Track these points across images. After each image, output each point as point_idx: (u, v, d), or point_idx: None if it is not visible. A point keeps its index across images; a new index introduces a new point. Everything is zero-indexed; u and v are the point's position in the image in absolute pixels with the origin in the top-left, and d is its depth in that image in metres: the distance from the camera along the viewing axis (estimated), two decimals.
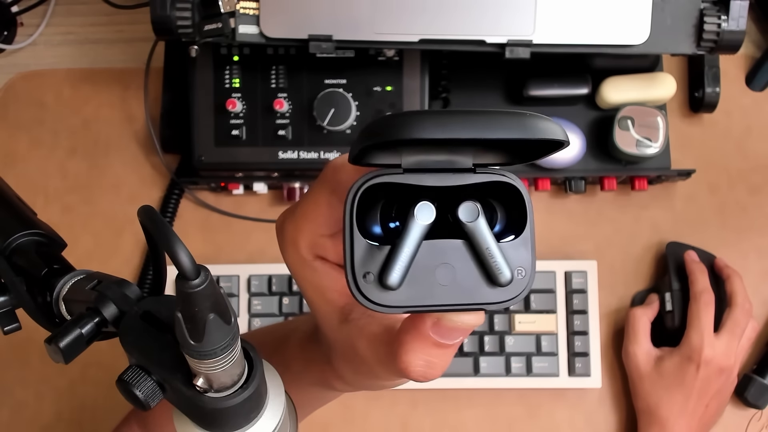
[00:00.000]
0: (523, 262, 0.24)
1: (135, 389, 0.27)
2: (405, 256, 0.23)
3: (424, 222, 0.23)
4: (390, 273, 0.23)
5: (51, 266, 0.35)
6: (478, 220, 0.23)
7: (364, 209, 0.24)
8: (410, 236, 0.23)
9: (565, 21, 0.63)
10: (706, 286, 0.72)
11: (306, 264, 0.31)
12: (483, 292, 0.24)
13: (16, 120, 0.82)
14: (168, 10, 0.63)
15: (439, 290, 0.23)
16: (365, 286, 0.23)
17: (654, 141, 0.73)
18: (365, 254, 0.23)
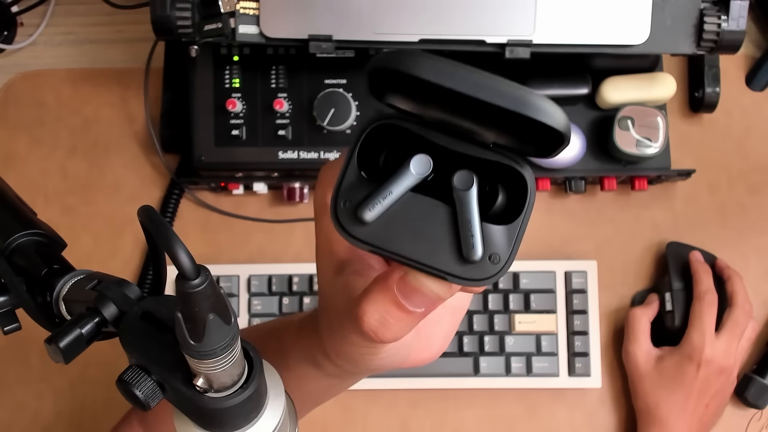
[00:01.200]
0: (502, 250, 0.23)
1: (135, 389, 0.27)
2: (385, 195, 0.23)
3: (416, 172, 0.22)
4: (365, 208, 0.23)
5: (51, 266, 0.35)
6: (470, 190, 0.23)
7: (373, 147, 0.24)
8: (398, 181, 0.23)
9: (565, 21, 0.63)
10: (709, 287, 0.72)
11: (326, 210, 0.31)
12: (449, 262, 0.23)
13: (16, 120, 0.82)
14: (168, 10, 0.63)
15: (408, 243, 0.23)
16: (342, 211, 0.23)
17: (654, 141, 0.73)
18: (354, 183, 0.23)
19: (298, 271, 0.76)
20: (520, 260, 0.76)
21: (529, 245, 0.78)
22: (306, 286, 0.76)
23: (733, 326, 0.70)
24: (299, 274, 0.76)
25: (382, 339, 0.26)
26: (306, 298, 0.75)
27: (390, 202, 0.23)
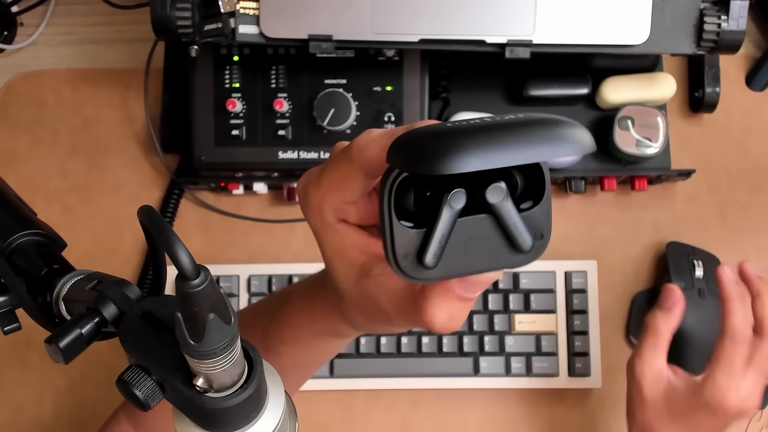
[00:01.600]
0: (542, 226, 0.27)
1: (135, 389, 0.27)
2: (439, 238, 0.26)
3: (457, 207, 0.25)
4: (427, 255, 0.26)
5: (51, 266, 0.35)
6: (504, 200, 0.26)
7: (398, 193, 0.26)
8: (444, 221, 0.26)
9: (565, 21, 0.63)
10: (745, 320, 0.60)
11: (329, 227, 0.33)
12: (507, 257, 0.27)
13: (16, 120, 0.82)
14: (168, 10, 0.63)
15: (468, 260, 0.27)
16: (405, 266, 0.26)
17: (654, 141, 0.73)
18: (403, 238, 0.26)
19: (298, 271, 0.76)
20: None
21: None
22: None
23: (763, 363, 0.59)
24: (299, 274, 0.76)
25: (451, 330, 0.30)
26: None
27: (442, 241, 0.26)
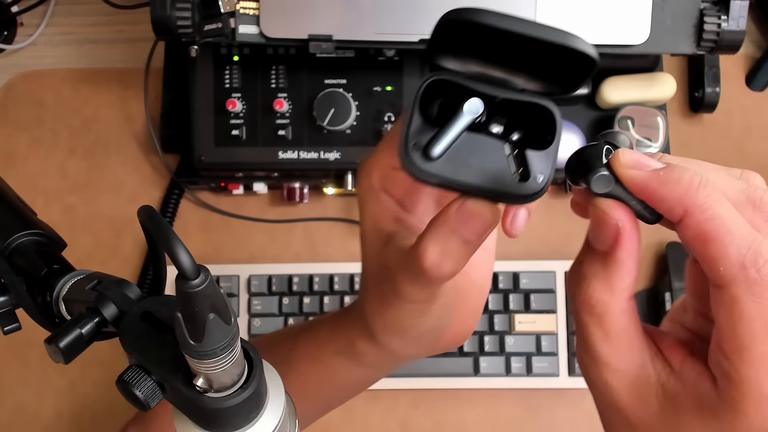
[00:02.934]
0: (545, 170, 0.28)
1: (135, 389, 0.27)
2: (449, 135, 0.27)
3: (470, 112, 0.27)
4: (434, 145, 0.27)
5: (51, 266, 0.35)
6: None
7: (428, 101, 0.28)
8: (457, 121, 0.27)
9: (565, 21, 0.63)
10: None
11: (372, 192, 0.35)
12: (504, 184, 0.28)
13: (16, 120, 0.82)
14: (168, 10, 0.63)
15: (469, 173, 0.28)
16: (412, 152, 0.27)
17: (654, 141, 0.73)
18: (419, 128, 0.28)
19: (298, 271, 0.76)
20: (520, 260, 0.76)
21: (529, 245, 0.78)
22: (306, 286, 0.76)
23: None
24: (299, 274, 0.76)
25: (441, 271, 0.30)
26: (306, 298, 0.75)
27: (451, 138, 0.27)
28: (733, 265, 0.25)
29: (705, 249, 0.26)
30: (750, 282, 0.25)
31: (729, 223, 0.25)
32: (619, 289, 0.28)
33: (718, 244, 0.25)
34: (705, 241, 0.26)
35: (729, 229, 0.25)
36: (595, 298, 0.28)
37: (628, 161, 0.27)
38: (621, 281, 0.28)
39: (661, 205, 0.27)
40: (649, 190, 0.27)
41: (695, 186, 0.26)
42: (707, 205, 0.26)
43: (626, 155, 0.27)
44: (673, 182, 0.26)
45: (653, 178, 0.26)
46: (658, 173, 0.26)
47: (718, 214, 0.25)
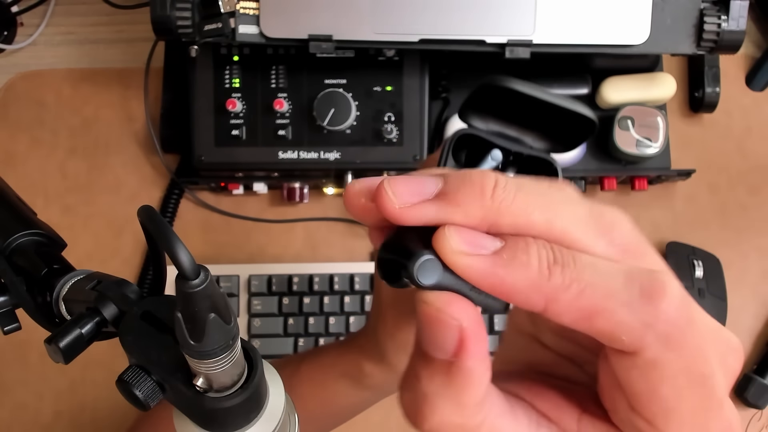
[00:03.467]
0: None
1: (135, 389, 0.27)
2: None
3: (494, 159, 0.28)
4: None
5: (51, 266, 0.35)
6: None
7: (455, 150, 0.29)
8: (483, 165, 0.28)
9: (565, 21, 0.63)
10: None
11: None
12: None
13: (16, 120, 0.82)
14: (168, 10, 0.63)
15: None
16: None
17: (654, 141, 0.73)
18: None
19: (298, 271, 0.76)
20: None
21: None
22: (306, 286, 0.76)
23: None
24: (299, 274, 0.76)
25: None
26: (306, 298, 0.75)
27: None
28: (635, 328, 0.20)
29: (592, 326, 0.20)
30: (664, 338, 0.20)
31: (604, 284, 0.20)
32: (474, 407, 0.21)
33: (605, 316, 0.20)
34: (587, 319, 0.20)
35: (608, 290, 0.20)
36: (445, 424, 0.21)
37: (460, 245, 0.21)
38: (474, 396, 0.21)
39: (514, 298, 0.20)
40: (494, 283, 0.20)
41: (548, 265, 0.20)
42: (572, 282, 0.20)
43: (455, 236, 0.21)
44: (521, 267, 0.20)
45: (496, 265, 0.20)
46: (501, 257, 0.20)
47: (589, 283, 0.20)
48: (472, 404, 0.21)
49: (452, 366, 0.21)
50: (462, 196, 0.21)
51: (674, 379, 0.20)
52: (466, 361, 0.20)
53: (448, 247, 0.21)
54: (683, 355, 0.20)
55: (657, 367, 0.20)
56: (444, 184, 0.22)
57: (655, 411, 0.21)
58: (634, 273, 0.20)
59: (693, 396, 0.20)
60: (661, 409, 0.20)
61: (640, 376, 0.20)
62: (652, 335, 0.19)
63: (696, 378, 0.20)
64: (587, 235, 0.21)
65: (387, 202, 0.21)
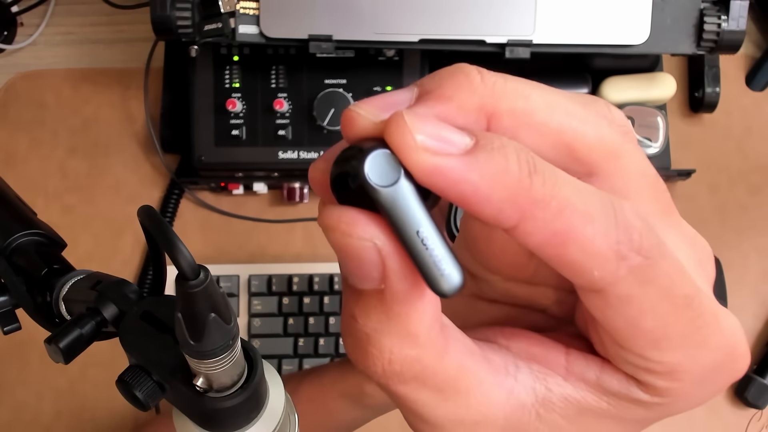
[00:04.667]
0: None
1: (135, 389, 0.27)
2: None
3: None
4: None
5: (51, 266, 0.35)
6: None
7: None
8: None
9: (565, 21, 0.63)
10: None
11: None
12: None
13: (16, 120, 0.82)
14: (168, 10, 0.63)
15: None
16: None
17: (654, 141, 0.73)
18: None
19: (298, 271, 0.76)
20: None
21: None
22: (306, 286, 0.76)
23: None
24: (299, 274, 0.76)
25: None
26: (306, 298, 0.75)
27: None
28: (609, 261, 0.17)
29: (563, 255, 0.17)
30: (637, 270, 0.17)
31: (584, 206, 0.17)
32: (425, 333, 0.18)
33: (579, 244, 0.17)
34: (560, 245, 0.17)
35: (586, 214, 0.17)
36: (395, 361, 0.18)
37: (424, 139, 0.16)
38: (421, 322, 0.18)
39: (483, 211, 0.16)
40: (464, 191, 0.16)
41: (530, 173, 0.16)
42: (552, 198, 0.16)
43: (417, 125, 0.16)
44: (499, 172, 0.16)
45: (470, 167, 0.16)
46: (475, 158, 0.16)
47: (569, 203, 0.16)
48: (423, 332, 0.18)
49: (384, 294, 0.17)
50: (449, 88, 0.17)
51: (655, 309, 0.18)
52: (397, 284, 0.17)
53: (408, 141, 0.16)
54: (661, 284, 0.18)
55: (633, 302, 0.18)
56: (420, 87, 0.18)
57: (643, 344, 0.19)
58: (605, 198, 0.17)
59: (681, 320, 0.18)
60: (649, 341, 0.18)
61: (616, 313, 0.18)
62: (625, 268, 0.17)
63: (679, 301, 0.18)
64: (587, 113, 0.19)
65: (360, 120, 0.17)
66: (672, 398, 0.20)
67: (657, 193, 0.20)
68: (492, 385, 0.19)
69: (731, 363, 0.20)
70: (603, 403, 0.20)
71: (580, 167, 0.19)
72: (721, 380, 0.20)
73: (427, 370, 0.18)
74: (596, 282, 0.17)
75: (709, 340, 0.19)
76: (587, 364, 0.20)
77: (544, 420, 0.20)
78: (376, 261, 0.17)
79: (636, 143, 0.19)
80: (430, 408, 0.19)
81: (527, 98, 0.18)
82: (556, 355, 0.20)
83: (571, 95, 0.19)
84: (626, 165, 0.19)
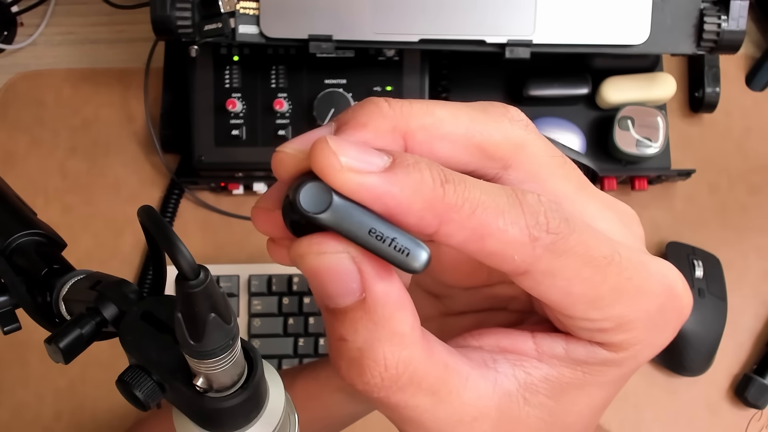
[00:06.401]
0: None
1: (135, 389, 0.27)
2: None
3: None
4: None
5: (51, 266, 0.35)
6: None
7: None
8: None
9: (565, 21, 0.63)
10: None
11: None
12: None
13: (16, 120, 0.82)
14: (168, 10, 0.63)
15: None
16: None
17: (654, 141, 0.73)
18: None
19: (298, 271, 0.76)
20: None
21: None
22: (306, 286, 0.76)
23: None
24: (299, 274, 0.76)
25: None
26: (306, 298, 0.75)
27: None
28: (524, 245, 0.19)
29: (483, 248, 0.19)
30: (551, 248, 0.19)
31: (493, 203, 0.19)
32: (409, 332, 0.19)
33: (495, 236, 0.19)
34: (479, 240, 0.19)
35: (495, 209, 0.19)
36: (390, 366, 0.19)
37: (348, 161, 0.18)
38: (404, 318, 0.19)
39: (407, 219, 0.18)
40: (388, 204, 0.18)
41: (441, 183, 0.18)
42: (464, 201, 0.18)
43: (341, 149, 0.18)
44: (416, 184, 0.18)
45: (391, 182, 0.18)
46: (394, 174, 0.18)
47: (480, 202, 0.19)
48: (407, 330, 0.19)
49: (366, 301, 0.19)
50: (363, 116, 0.19)
51: (579, 275, 0.20)
52: (377, 285, 0.19)
53: (334, 164, 0.18)
54: (576, 252, 0.19)
55: (557, 275, 0.19)
56: (336, 121, 0.20)
57: (583, 308, 0.20)
58: (509, 191, 0.19)
59: (607, 278, 0.20)
60: (587, 304, 0.20)
61: (548, 288, 0.20)
62: (540, 248, 0.19)
63: (600, 262, 0.20)
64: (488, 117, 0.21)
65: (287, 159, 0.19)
66: (632, 348, 0.21)
67: (567, 171, 0.22)
68: (478, 379, 0.20)
69: (673, 301, 0.22)
70: (579, 373, 0.21)
71: (495, 163, 0.21)
72: (671, 320, 0.22)
73: (419, 371, 0.19)
74: (519, 266, 0.19)
75: (642, 287, 0.21)
76: (553, 341, 0.21)
77: (532, 403, 0.21)
78: (353, 270, 0.19)
79: (537, 133, 0.22)
80: (429, 414, 0.20)
81: (432, 113, 0.20)
82: (524, 342, 0.22)
83: (472, 104, 0.21)
84: (533, 152, 0.21)
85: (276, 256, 0.22)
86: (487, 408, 0.20)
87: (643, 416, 0.75)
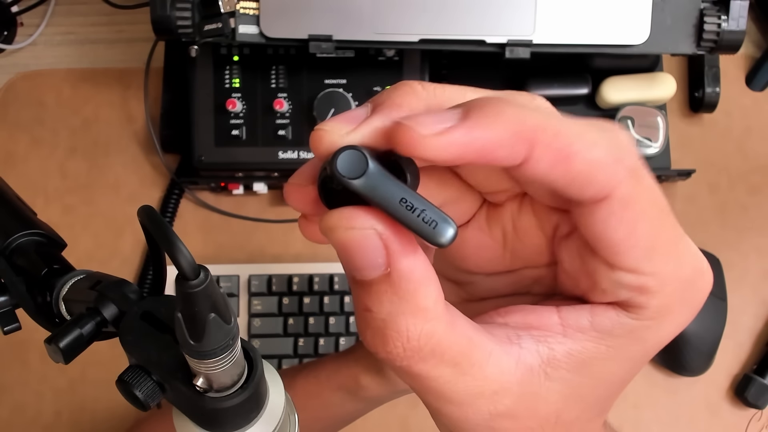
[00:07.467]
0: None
1: (135, 389, 0.27)
2: None
3: None
4: None
5: (51, 266, 0.35)
6: None
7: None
8: None
9: (565, 21, 0.63)
10: None
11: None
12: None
13: (16, 120, 0.82)
14: (168, 10, 0.63)
15: None
16: None
17: (654, 141, 0.73)
18: None
19: (298, 271, 0.76)
20: None
21: None
22: (306, 286, 0.76)
23: None
24: (299, 274, 0.76)
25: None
26: (306, 298, 0.75)
27: None
28: (609, 164, 0.19)
29: (570, 169, 0.19)
30: (633, 172, 0.20)
31: (573, 126, 0.19)
32: (433, 306, 0.20)
33: (581, 155, 0.19)
34: (564, 161, 0.19)
35: (578, 131, 0.19)
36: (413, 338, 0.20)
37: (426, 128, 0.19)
38: (428, 294, 0.20)
39: (498, 154, 0.19)
40: (478, 148, 0.19)
41: (516, 109, 0.19)
42: (546, 124, 0.19)
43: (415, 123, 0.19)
44: (498, 118, 0.19)
45: (472, 128, 0.19)
46: (472, 119, 0.19)
47: (560, 125, 0.19)
48: (431, 305, 0.20)
49: (391, 276, 0.19)
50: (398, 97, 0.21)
51: (648, 212, 0.20)
52: (402, 261, 0.19)
53: (415, 137, 0.18)
54: (648, 187, 0.20)
55: (631, 204, 0.20)
56: (372, 102, 0.21)
57: (638, 255, 0.20)
58: (584, 120, 0.20)
59: (666, 227, 0.21)
60: (643, 251, 0.20)
61: (618, 220, 0.20)
62: (623, 170, 0.20)
63: (663, 208, 0.21)
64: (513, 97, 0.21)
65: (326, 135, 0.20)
66: (661, 319, 0.21)
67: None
68: (501, 354, 0.21)
69: (699, 279, 0.22)
70: (602, 347, 0.21)
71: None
72: (696, 299, 0.22)
73: (442, 343, 0.20)
74: (603, 188, 0.19)
75: (684, 254, 0.21)
76: (578, 313, 0.22)
77: (553, 378, 0.21)
78: (379, 246, 0.19)
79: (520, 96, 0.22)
80: (450, 384, 0.20)
81: (464, 96, 0.21)
82: (550, 316, 0.22)
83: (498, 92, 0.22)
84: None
85: (307, 232, 0.22)
86: (509, 383, 0.21)
87: (643, 416, 0.75)
